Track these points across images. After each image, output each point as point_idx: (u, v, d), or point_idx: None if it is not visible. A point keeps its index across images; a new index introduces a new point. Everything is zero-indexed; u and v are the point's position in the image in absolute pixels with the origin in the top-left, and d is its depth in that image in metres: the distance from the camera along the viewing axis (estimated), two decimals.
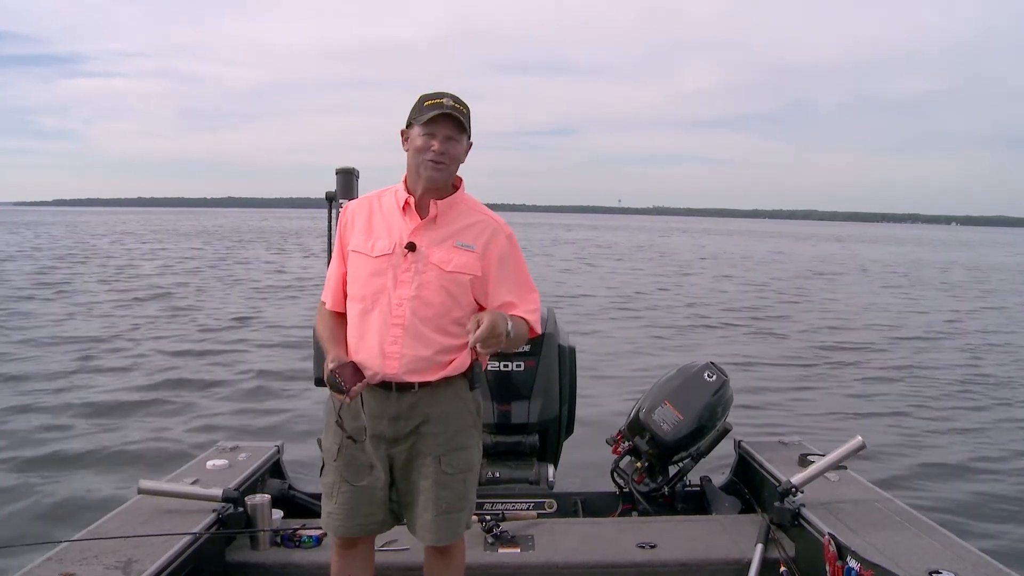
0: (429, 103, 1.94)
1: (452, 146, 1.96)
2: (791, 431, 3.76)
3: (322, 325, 2.11)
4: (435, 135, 1.93)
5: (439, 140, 1.94)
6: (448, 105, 1.93)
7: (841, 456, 2.78)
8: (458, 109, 1.94)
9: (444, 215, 2.00)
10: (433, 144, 1.93)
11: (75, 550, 2.26)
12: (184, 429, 6.06)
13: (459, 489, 2.04)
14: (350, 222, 2.08)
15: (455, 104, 1.94)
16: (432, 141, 1.93)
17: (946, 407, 7.22)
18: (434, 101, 1.94)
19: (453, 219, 2.01)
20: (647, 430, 3.19)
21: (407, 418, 1.99)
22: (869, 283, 21.51)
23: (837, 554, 2.28)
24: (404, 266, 1.96)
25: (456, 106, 1.94)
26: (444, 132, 1.94)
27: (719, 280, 21.45)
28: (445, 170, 1.97)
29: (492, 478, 3.20)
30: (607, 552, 2.62)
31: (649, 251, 38.23)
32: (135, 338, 10.16)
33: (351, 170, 3.21)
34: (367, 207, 2.08)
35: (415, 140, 1.96)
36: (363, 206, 2.09)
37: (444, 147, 1.94)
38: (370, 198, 2.11)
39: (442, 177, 1.98)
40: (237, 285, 17.58)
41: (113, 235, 43.11)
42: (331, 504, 2.06)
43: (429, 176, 1.96)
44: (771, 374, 8.47)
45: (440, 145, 1.94)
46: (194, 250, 30.82)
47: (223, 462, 3.10)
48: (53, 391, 7.20)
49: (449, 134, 1.94)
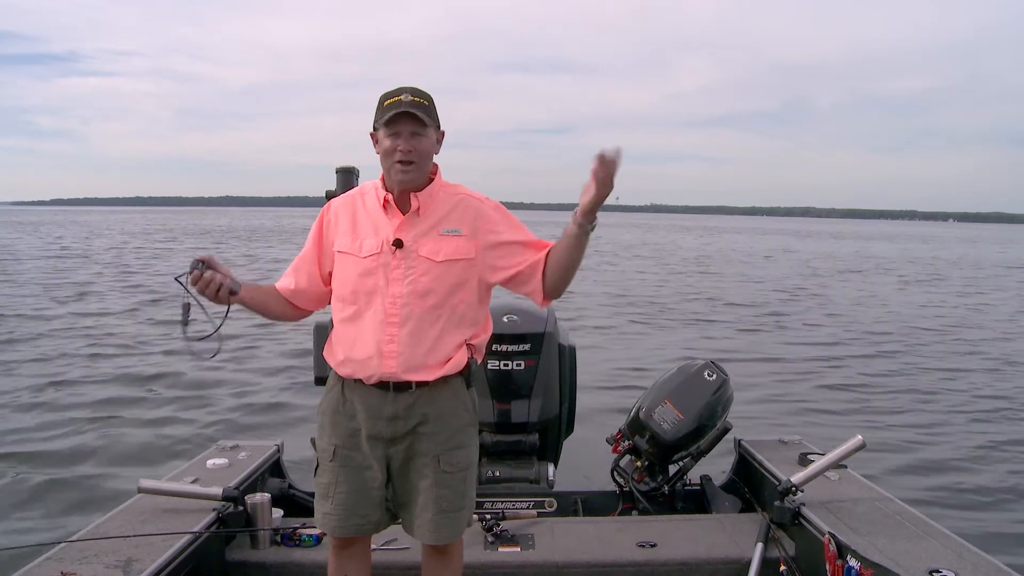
0: (388, 102, 1.90)
1: (418, 142, 1.92)
2: (791, 430, 3.77)
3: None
4: (400, 134, 1.90)
5: (404, 139, 1.90)
6: (407, 101, 1.88)
7: (841, 455, 2.78)
8: (417, 103, 1.89)
9: (426, 205, 1.98)
10: (399, 144, 1.90)
11: (75, 549, 2.26)
12: (184, 428, 6.06)
13: (459, 487, 2.03)
14: (333, 220, 2.05)
15: (414, 99, 1.89)
16: (398, 141, 1.90)
17: (946, 407, 7.22)
18: (393, 99, 1.89)
19: (435, 207, 1.99)
20: (647, 429, 3.19)
21: (405, 418, 1.98)
22: (869, 280, 21.50)
23: (837, 553, 2.28)
24: (394, 263, 1.94)
25: (415, 100, 1.89)
26: (408, 129, 1.90)
27: (719, 278, 21.44)
28: (416, 169, 1.94)
29: (492, 477, 3.21)
30: (607, 551, 2.62)
31: (648, 248, 38.21)
32: (138, 337, 10.17)
33: (351, 169, 3.21)
34: (351, 206, 2.05)
35: (382, 142, 1.92)
36: (347, 205, 2.06)
37: (409, 145, 1.91)
38: (353, 196, 2.08)
39: (413, 178, 1.95)
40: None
41: (125, 235, 43.17)
42: (327, 504, 2.05)
43: (400, 180, 1.93)
44: (771, 373, 8.47)
45: (406, 144, 1.90)
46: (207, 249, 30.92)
47: (223, 461, 3.10)
48: (53, 391, 7.20)
49: (414, 130, 1.90)
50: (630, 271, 23.84)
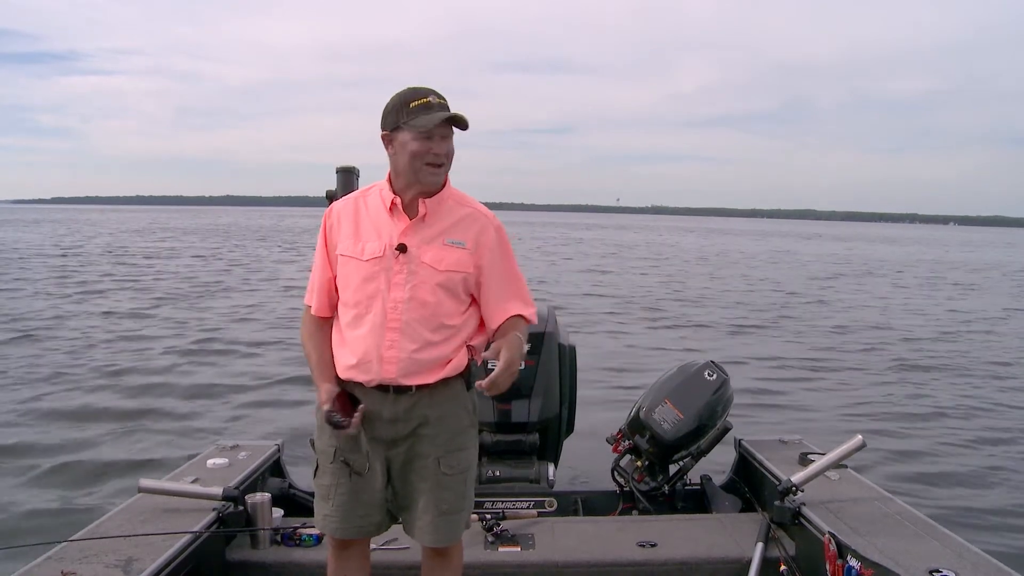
0: (416, 104, 1.88)
1: (448, 145, 1.94)
2: (791, 430, 3.77)
3: (308, 338, 2.08)
4: (432, 136, 1.89)
5: (436, 141, 1.90)
6: (444, 105, 1.89)
7: (841, 455, 2.78)
8: (451, 111, 1.90)
9: (433, 212, 1.97)
10: (432, 147, 1.89)
11: (76, 549, 2.27)
12: (184, 428, 6.06)
13: (459, 489, 2.03)
14: (336, 224, 2.03)
15: (440, 101, 1.89)
16: (430, 144, 1.89)
17: (947, 406, 7.21)
18: (421, 101, 1.88)
19: (442, 216, 1.98)
20: (647, 429, 3.19)
21: (405, 420, 1.98)
22: (870, 282, 21.49)
23: (837, 553, 2.28)
24: (396, 268, 1.93)
25: (445, 103, 1.90)
26: (441, 132, 1.90)
27: (719, 278, 21.44)
28: (444, 172, 1.95)
29: (492, 477, 3.20)
30: (607, 551, 2.62)
31: (649, 249, 38.21)
32: (142, 336, 10.18)
33: (351, 168, 3.20)
34: (353, 208, 2.03)
35: (409, 144, 1.89)
36: (348, 207, 2.04)
37: (443, 148, 1.91)
38: (355, 199, 2.06)
39: (441, 180, 1.96)
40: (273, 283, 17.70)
41: (133, 233, 43.23)
42: (328, 506, 2.04)
43: (431, 182, 1.93)
44: (771, 373, 8.47)
45: (439, 146, 1.90)
46: (213, 248, 30.96)
47: (223, 461, 3.10)
48: (55, 389, 7.20)
49: (445, 134, 1.92)
50: (630, 271, 23.84)
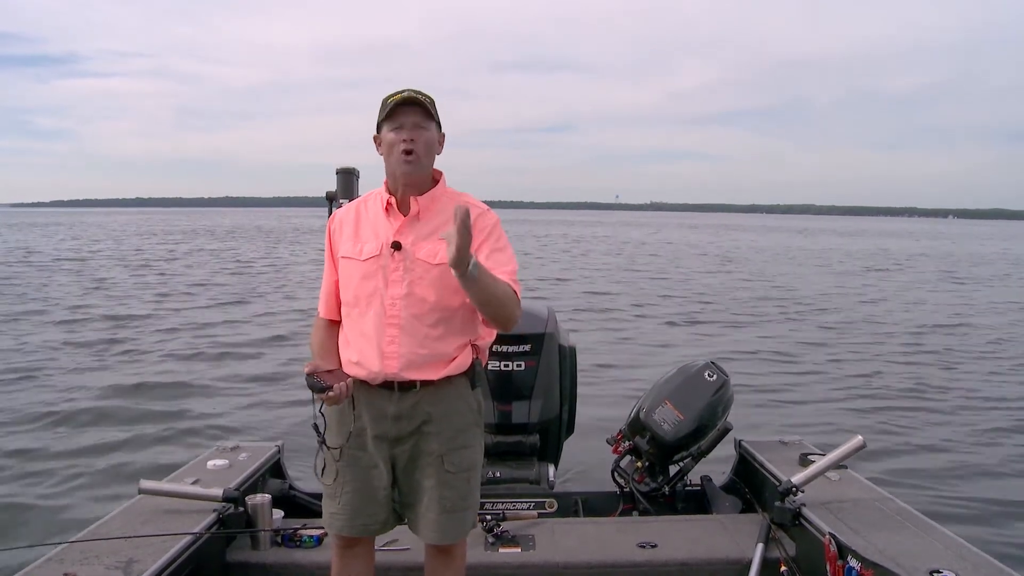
0: (391, 99, 1.95)
1: (421, 133, 1.95)
2: (791, 430, 3.76)
3: (315, 337, 2.13)
4: (403, 126, 1.94)
5: (407, 130, 1.93)
6: (409, 92, 1.94)
7: (841, 456, 2.78)
8: (420, 94, 1.95)
9: (427, 210, 2.00)
10: (402, 135, 1.93)
11: (76, 550, 2.27)
12: (184, 429, 6.06)
13: (463, 488, 2.04)
14: (338, 229, 2.09)
15: (415, 93, 1.95)
16: (401, 133, 1.94)
17: (947, 406, 7.21)
18: (395, 96, 1.95)
19: (436, 213, 2.01)
20: (648, 429, 3.20)
21: (409, 417, 2.00)
22: (871, 279, 21.47)
23: (838, 554, 2.28)
24: (393, 266, 1.97)
25: (417, 94, 1.95)
26: (411, 120, 1.94)
27: (720, 278, 21.42)
28: (419, 162, 1.96)
29: (493, 478, 3.21)
30: (608, 552, 2.62)
31: (649, 248, 38.18)
32: (143, 336, 10.20)
33: (351, 170, 3.21)
34: (354, 213, 2.09)
35: (386, 138, 1.96)
36: (350, 213, 2.10)
37: (412, 134, 1.94)
38: (357, 204, 2.12)
39: (416, 170, 1.97)
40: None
41: (140, 235, 43.23)
42: (335, 504, 2.06)
43: (404, 172, 1.96)
44: (772, 373, 8.47)
45: (409, 133, 1.93)
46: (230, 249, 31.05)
47: (223, 462, 3.11)
48: (55, 388, 7.21)
49: (416, 121, 1.94)
50: (631, 271, 23.83)
